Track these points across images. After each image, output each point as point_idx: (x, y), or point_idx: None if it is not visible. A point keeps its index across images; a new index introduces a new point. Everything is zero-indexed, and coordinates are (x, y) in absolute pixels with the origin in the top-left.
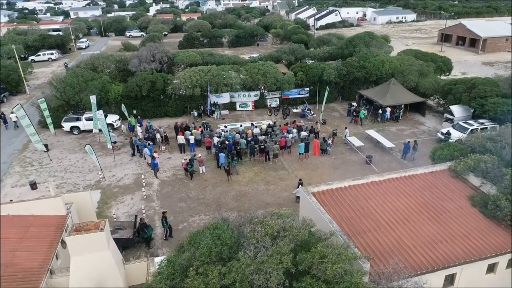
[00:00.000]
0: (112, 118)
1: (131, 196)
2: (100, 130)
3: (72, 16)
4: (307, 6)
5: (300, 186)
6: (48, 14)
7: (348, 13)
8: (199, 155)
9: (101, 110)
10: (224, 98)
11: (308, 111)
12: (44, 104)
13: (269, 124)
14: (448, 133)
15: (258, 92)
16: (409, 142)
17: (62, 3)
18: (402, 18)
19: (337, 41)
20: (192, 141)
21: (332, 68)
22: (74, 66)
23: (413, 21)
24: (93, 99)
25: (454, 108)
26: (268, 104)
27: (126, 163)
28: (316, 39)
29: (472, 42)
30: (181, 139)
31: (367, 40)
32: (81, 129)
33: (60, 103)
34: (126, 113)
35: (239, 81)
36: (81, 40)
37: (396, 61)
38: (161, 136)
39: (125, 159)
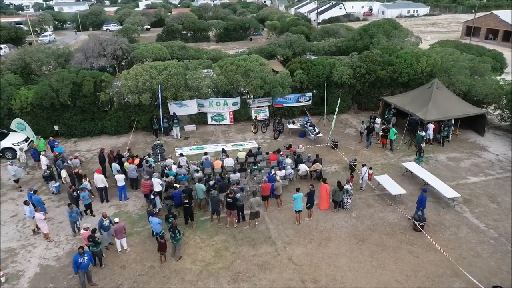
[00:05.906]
0: (15, 139)
1: None
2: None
3: (56, 10)
4: (308, 0)
5: None
6: (32, 10)
7: (352, 7)
8: (116, 219)
9: None
10: (189, 108)
11: (311, 128)
12: None
13: (249, 151)
14: None
15: (238, 99)
16: (425, 191)
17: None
18: (414, 11)
19: (346, 32)
20: (121, 182)
21: (345, 64)
22: None
23: (426, 15)
24: None
25: None
26: (253, 116)
27: (2, 225)
28: (319, 30)
29: (506, 36)
30: (99, 180)
31: (388, 29)
32: None
33: None
34: (30, 133)
35: (207, 83)
36: (44, 33)
37: (436, 55)
38: (70, 174)
39: (5, 215)
